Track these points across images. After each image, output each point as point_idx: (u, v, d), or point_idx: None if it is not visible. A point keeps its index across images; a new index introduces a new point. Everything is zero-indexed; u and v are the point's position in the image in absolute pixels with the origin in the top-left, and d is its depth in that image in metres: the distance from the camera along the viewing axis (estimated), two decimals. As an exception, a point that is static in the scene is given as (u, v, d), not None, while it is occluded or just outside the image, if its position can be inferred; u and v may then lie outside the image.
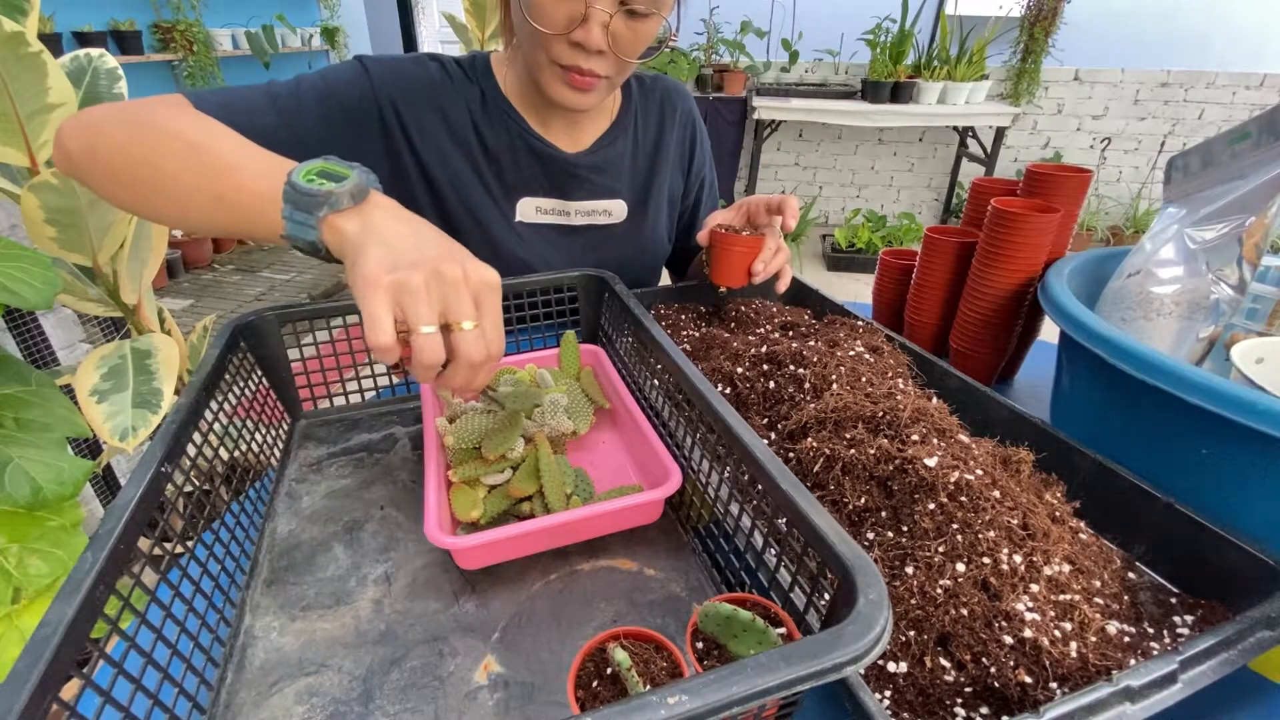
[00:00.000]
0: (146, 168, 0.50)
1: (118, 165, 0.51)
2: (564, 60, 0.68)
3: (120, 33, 2.86)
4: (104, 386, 0.89)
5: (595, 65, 0.68)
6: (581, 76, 0.69)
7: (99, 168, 0.52)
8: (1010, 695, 0.36)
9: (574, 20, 0.65)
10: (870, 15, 3.51)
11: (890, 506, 0.45)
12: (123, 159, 0.51)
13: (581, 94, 0.71)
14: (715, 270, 0.77)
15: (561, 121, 0.83)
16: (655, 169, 0.90)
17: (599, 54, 0.67)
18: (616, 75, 0.72)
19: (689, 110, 0.94)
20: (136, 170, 0.51)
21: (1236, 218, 0.56)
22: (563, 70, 0.69)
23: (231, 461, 0.53)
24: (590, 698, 0.35)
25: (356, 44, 4.34)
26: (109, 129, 0.52)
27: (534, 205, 0.84)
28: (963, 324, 0.73)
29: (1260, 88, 3.55)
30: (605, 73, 0.69)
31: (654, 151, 0.90)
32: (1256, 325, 0.56)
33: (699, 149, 0.96)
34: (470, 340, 0.41)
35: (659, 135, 0.91)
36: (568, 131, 0.84)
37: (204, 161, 0.49)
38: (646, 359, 0.62)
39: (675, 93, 0.93)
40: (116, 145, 0.51)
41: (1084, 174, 0.68)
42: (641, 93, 0.90)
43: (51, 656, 0.28)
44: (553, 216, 0.85)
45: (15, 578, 0.80)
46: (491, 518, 0.50)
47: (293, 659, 0.42)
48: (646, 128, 0.90)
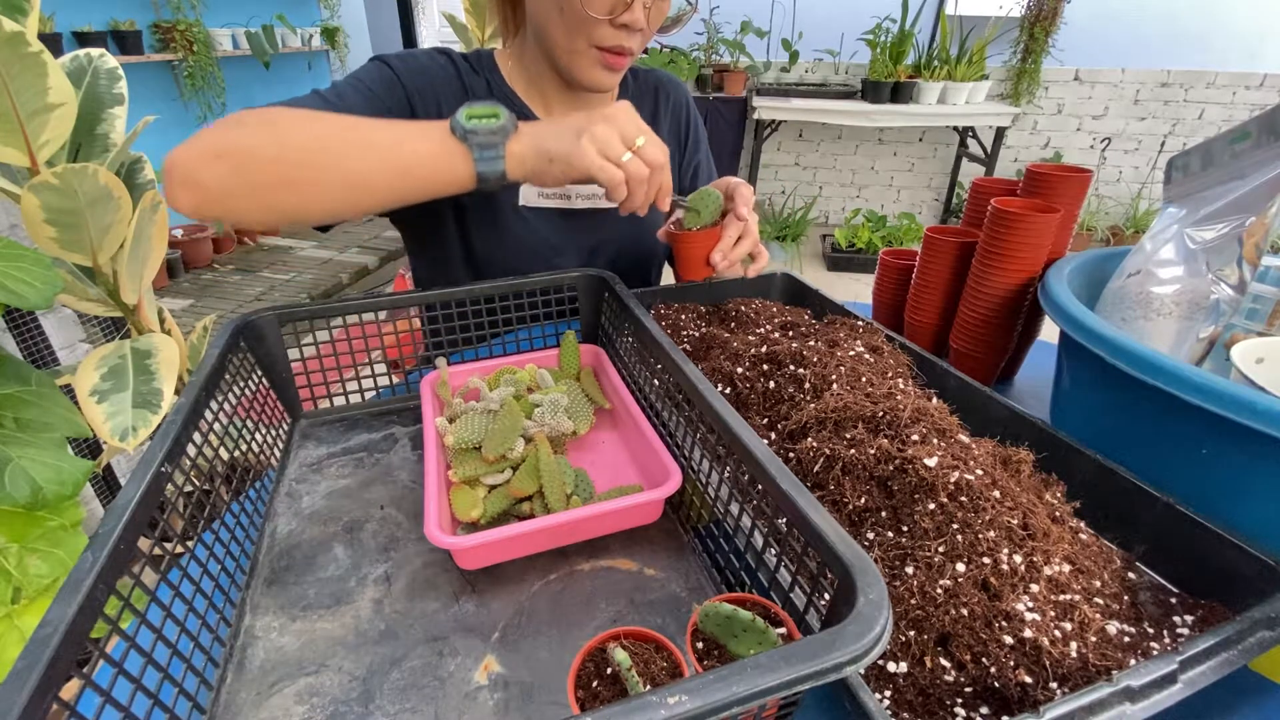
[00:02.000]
0: (313, 169, 0.54)
1: (271, 178, 0.54)
2: (607, 42, 0.73)
3: (120, 33, 2.86)
4: (104, 386, 0.89)
5: (633, 43, 0.74)
6: (620, 56, 0.74)
7: (245, 187, 0.53)
8: (1010, 695, 0.36)
9: (619, 4, 0.70)
10: (870, 15, 3.51)
11: (890, 506, 0.45)
12: (278, 170, 0.54)
13: (615, 73, 0.77)
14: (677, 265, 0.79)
15: (565, 110, 0.87)
16: None
17: (639, 32, 0.73)
18: (638, 51, 0.77)
19: (681, 100, 0.98)
20: (302, 172, 0.54)
21: (1236, 218, 0.56)
22: (601, 53, 0.74)
23: (231, 461, 0.53)
24: (590, 698, 0.35)
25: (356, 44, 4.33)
26: (248, 148, 0.53)
27: (536, 190, 0.87)
28: (963, 324, 0.73)
29: (1260, 88, 3.55)
30: (637, 49, 0.75)
31: None
32: (1256, 325, 0.56)
33: (692, 138, 0.99)
34: (649, 148, 0.59)
35: (653, 123, 0.94)
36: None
37: (369, 141, 0.56)
38: (646, 359, 0.62)
39: (668, 83, 0.97)
40: (269, 158, 0.53)
41: (1084, 174, 0.68)
42: (636, 84, 0.94)
43: (51, 656, 0.28)
44: (554, 200, 0.88)
45: (15, 577, 0.80)
46: (491, 518, 0.50)
47: (293, 659, 0.42)
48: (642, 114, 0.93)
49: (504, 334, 0.74)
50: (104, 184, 0.85)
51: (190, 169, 0.53)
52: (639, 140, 0.59)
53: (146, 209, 0.94)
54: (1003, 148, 3.67)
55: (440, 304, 0.70)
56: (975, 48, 3.44)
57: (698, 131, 1.00)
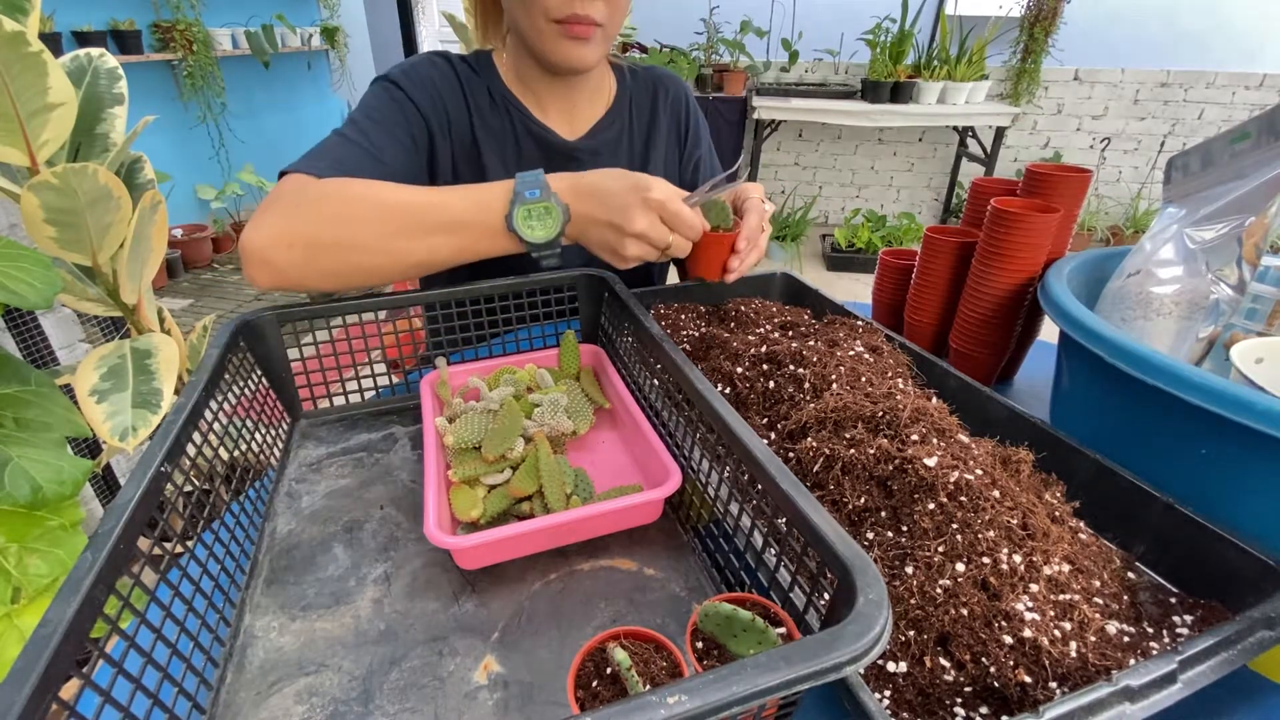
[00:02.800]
0: (384, 255, 0.58)
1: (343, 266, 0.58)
2: (561, 13, 0.71)
3: (120, 32, 2.86)
4: (104, 386, 0.89)
5: (590, 10, 0.72)
6: (579, 25, 0.73)
7: (318, 273, 0.58)
8: (1010, 695, 0.36)
9: None
10: (870, 15, 3.51)
11: (890, 506, 0.45)
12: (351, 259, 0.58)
13: (582, 44, 0.75)
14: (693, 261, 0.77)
15: (560, 104, 0.87)
16: (649, 153, 0.94)
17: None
18: (609, 22, 0.75)
19: (679, 95, 0.97)
20: (373, 260, 0.58)
21: (1236, 218, 0.56)
22: (560, 25, 0.73)
23: (231, 461, 0.53)
24: (590, 697, 0.35)
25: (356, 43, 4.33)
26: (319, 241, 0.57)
27: None
28: (962, 324, 0.73)
29: (1260, 88, 3.55)
30: (599, 19, 0.73)
31: (647, 136, 0.94)
32: (1256, 325, 0.56)
33: (691, 133, 0.99)
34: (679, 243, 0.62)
35: (651, 120, 0.94)
36: (566, 116, 0.88)
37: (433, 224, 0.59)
38: (646, 359, 0.62)
39: (666, 79, 0.97)
40: (341, 248, 0.58)
41: (1084, 174, 0.68)
42: (635, 81, 0.94)
43: (51, 656, 0.28)
44: None
45: (15, 577, 0.80)
46: (491, 517, 0.50)
47: (292, 659, 0.42)
48: (640, 114, 0.94)
49: (504, 334, 0.74)
50: (104, 183, 0.85)
51: (265, 255, 0.57)
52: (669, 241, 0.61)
53: (146, 209, 0.94)
54: (1002, 148, 3.67)
55: (440, 304, 0.70)
56: (975, 48, 3.44)
57: (698, 126, 1.00)
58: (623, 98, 0.92)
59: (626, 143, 0.92)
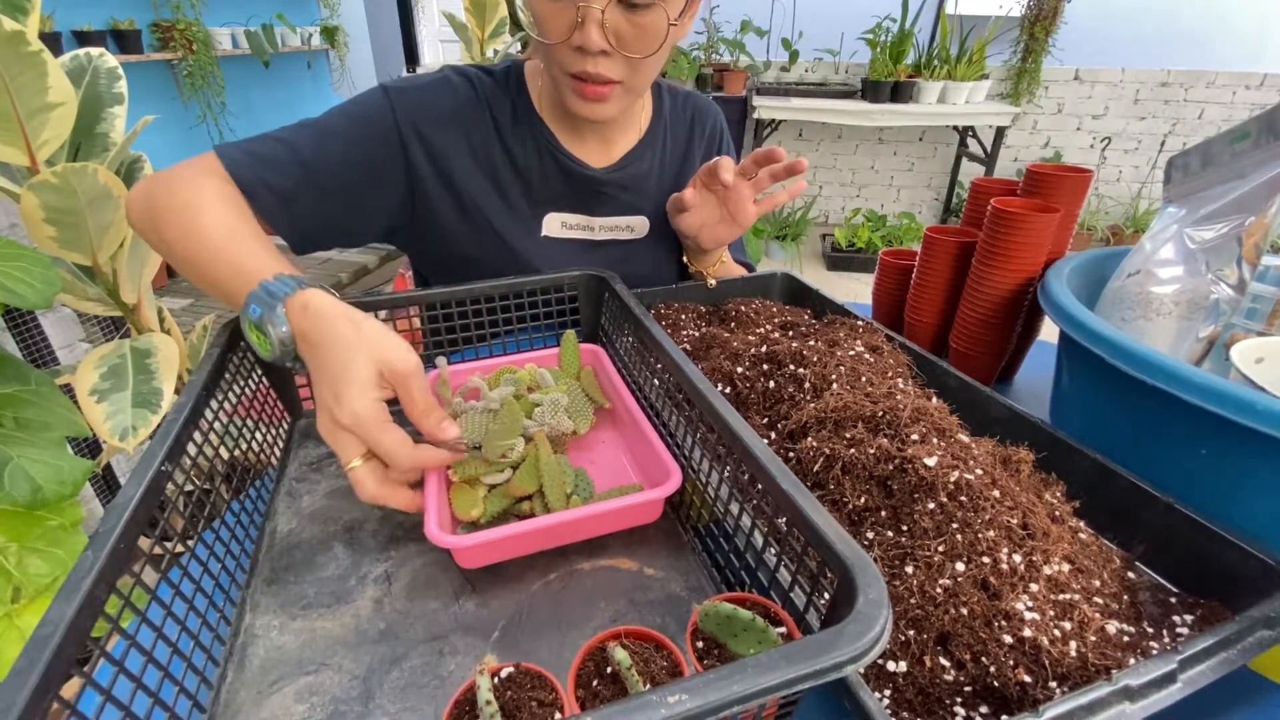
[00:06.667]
0: (179, 262, 0.61)
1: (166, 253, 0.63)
2: (572, 68, 0.67)
3: (120, 32, 2.86)
4: (104, 386, 0.89)
5: (602, 68, 0.67)
6: (591, 85, 0.68)
7: (149, 241, 0.64)
8: (1010, 694, 0.36)
9: (573, 25, 0.64)
10: (870, 15, 3.51)
11: (890, 506, 0.45)
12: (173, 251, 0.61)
13: (596, 104, 0.70)
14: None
15: (593, 134, 0.82)
16: (679, 185, 0.89)
17: (604, 55, 0.66)
18: (631, 78, 0.70)
19: (716, 126, 0.94)
20: (172, 258, 0.61)
21: (1236, 218, 0.56)
22: (573, 80, 0.69)
23: (231, 460, 0.53)
24: (590, 697, 0.35)
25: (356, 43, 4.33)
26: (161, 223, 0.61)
27: (559, 220, 0.84)
28: (962, 324, 0.73)
29: (1260, 88, 3.55)
30: (616, 76, 0.68)
31: (679, 169, 0.91)
32: (1256, 325, 0.56)
33: None
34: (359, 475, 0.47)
35: (686, 151, 0.91)
36: (599, 144, 0.84)
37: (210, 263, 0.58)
38: (646, 359, 0.62)
39: (705, 109, 0.92)
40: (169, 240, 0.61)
41: (1084, 174, 0.68)
42: (673, 107, 0.90)
43: (52, 655, 0.28)
44: (577, 231, 0.86)
45: (15, 577, 0.80)
46: (491, 517, 0.50)
47: (293, 658, 0.42)
48: (675, 142, 0.90)
49: (504, 334, 0.74)
50: (103, 183, 0.86)
51: (130, 203, 0.64)
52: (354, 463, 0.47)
53: (146, 208, 0.94)
54: (1003, 147, 3.67)
55: (440, 304, 0.70)
56: (975, 47, 3.44)
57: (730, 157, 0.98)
58: (657, 125, 0.87)
59: (656, 175, 0.88)
